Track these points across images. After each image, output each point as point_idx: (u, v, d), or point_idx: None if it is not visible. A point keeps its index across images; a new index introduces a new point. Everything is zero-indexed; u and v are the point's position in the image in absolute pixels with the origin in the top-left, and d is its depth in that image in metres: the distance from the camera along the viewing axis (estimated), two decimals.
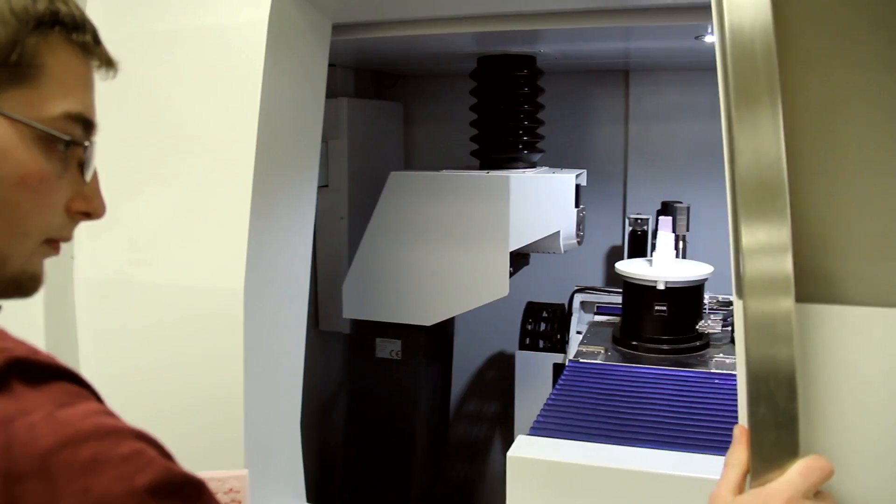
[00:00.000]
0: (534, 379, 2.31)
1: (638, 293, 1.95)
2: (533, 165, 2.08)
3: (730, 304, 2.12)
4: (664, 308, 1.93)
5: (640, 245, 2.39)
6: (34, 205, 0.63)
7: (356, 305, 2.11)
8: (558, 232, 1.98)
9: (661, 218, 2.02)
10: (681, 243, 2.19)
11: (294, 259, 1.54)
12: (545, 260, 2.36)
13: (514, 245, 1.94)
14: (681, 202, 2.32)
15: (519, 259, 2.04)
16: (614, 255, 2.56)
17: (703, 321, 1.97)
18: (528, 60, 2.04)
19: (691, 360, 1.91)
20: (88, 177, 0.66)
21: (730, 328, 2.02)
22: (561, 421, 1.66)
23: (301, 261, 1.56)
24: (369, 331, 2.16)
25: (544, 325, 2.36)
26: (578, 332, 2.26)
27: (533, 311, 2.39)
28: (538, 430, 1.61)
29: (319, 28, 1.58)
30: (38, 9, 0.60)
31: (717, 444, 1.57)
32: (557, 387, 1.82)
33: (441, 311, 2.04)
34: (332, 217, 2.31)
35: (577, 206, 2.01)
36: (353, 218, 2.31)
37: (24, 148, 0.61)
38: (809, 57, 0.84)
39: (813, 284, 0.83)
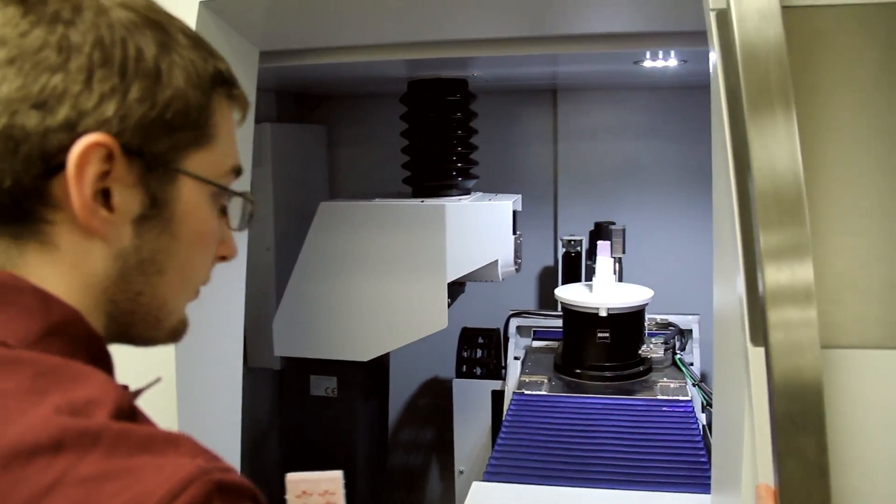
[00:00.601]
0: (472, 406, 2.23)
1: (580, 320, 1.89)
2: (467, 192, 2.00)
3: (669, 325, 2.08)
4: (606, 335, 1.87)
5: (574, 267, 2.33)
6: (204, 259, 0.66)
7: (288, 342, 1.99)
8: (496, 261, 1.90)
9: (599, 243, 1.97)
10: (617, 265, 2.14)
11: (229, 297, 1.42)
12: (478, 284, 2.29)
13: (452, 276, 1.85)
14: (614, 223, 2.28)
15: (455, 288, 1.96)
16: (547, 276, 2.51)
17: (645, 345, 1.92)
18: (461, 84, 1.96)
19: (636, 387, 1.86)
20: (235, 223, 0.69)
21: (671, 351, 1.98)
22: (515, 463, 1.58)
23: (235, 297, 1.44)
24: (302, 368, 2.04)
25: (480, 351, 2.28)
26: (516, 358, 2.19)
27: (468, 337, 2.30)
28: (493, 474, 1.53)
29: (247, 56, 1.47)
30: (210, 70, 0.62)
31: (675, 479, 1.52)
32: (506, 423, 1.75)
33: (378, 345, 1.93)
34: (257, 248, 2.18)
35: (514, 232, 1.93)
36: (279, 248, 2.19)
37: (205, 206, 0.63)
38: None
39: (831, 328, 0.78)
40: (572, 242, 2.33)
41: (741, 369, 0.84)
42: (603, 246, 1.95)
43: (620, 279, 2.16)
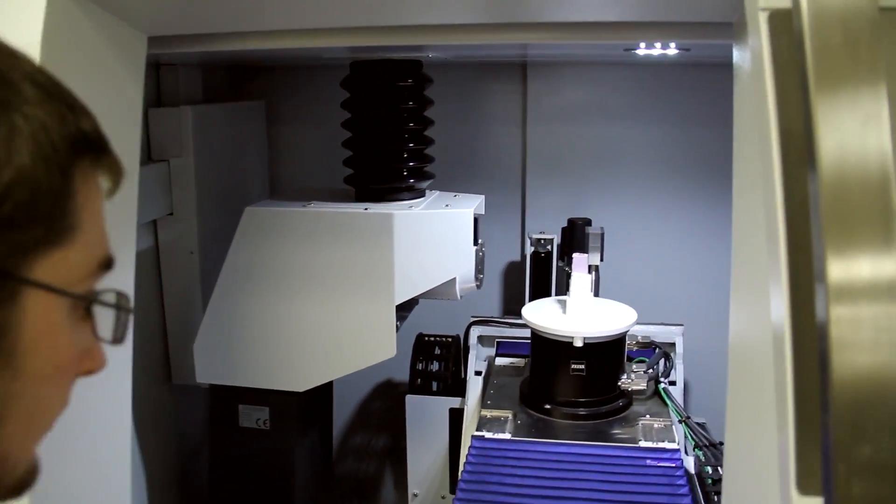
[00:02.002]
0: (428, 425, 1.92)
1: (550, 349, 1.57)
2: (421, 193, 1.65)
3: (651, 343, 1.77)
4: (581, 367, 1.56)
5: (543, 269, 2.00)
6: (60, 393, 0.51)
7: (211, 368, 1.65)
8: (454, 278, 1.57)
9: (575, 256, 1.64)
10: (593, 274, 1.81)
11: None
12: None
13: (402, 297, 1.52)
14: (590, 221, 1.95)
15: (407, 304, 1.62)
16: (512, 273, 2.18)
17: (625, 376, 1.61)
18: (414, 66, 1.59)
19: (615, 427, 1.55)
20: (107, 332, 0.52)
21: (654, 379, 1.67)
22: None
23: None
24: (231, 395, 1.70)
25: (437, 363, 1.96)
26: (478, 373, 1.88)
27: (423, 346, 1.98)
28: None
29: (129, 45, 1.11)
30: (70, 132, 0.46)
31: None
32: (465, 475, 1.44)
33: (315, 375, 1.61)
34: (179, 252, 1.83)
35: (475, 241, 1.59)
36: (205, 251, 1.83)
37: (61, 325, 0.48)
38: None
39: None
40: (542, 241, 1.99)
41: (769, 415, 0.65)
42: (579, 260, 1.62)
43: (597, 289, 1.84)
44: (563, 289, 1.97)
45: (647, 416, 1.58)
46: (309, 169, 2.22)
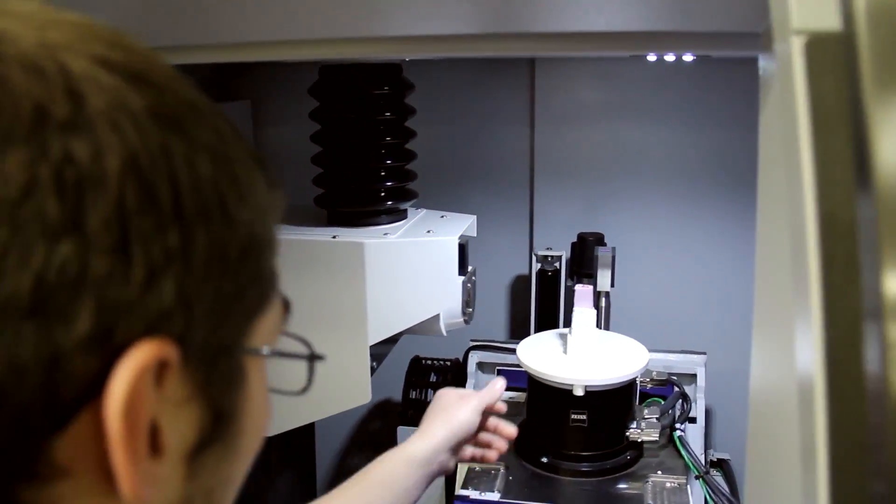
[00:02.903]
0: None
1: (548, 396, 1.35)
2: (402, 215, 1.42)
3: (669, 380, 1.53)
4: (583, 417, 1.33)
5: (550, 288, 1.77)
6: None
7: None
8: (438, 314, 1.35)
9: (577, 288, 1.40)
10: (602, 301, 1.58)
11: None
12: None
13: (376, 336, 1.30)
14: (601, 236, 1.71)
15: (385, 343, 1.40)
16: (520, 289, 1.95)
17: (634, 425, 1.38)
18: (392, 71, 1.36)
19: (620, 487, 1.33)
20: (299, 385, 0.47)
21: (668, 426, 1.44)
22: None
23: None
24: None
25: (432, 392, 1.74)
26: None
27: (418, 371, 1.77)
28: None
29: None
30: (266, 178, 0.41)
31: None
32: None
33: (280, 419, 1.40)
34: None
35: (462, 272, 1.37)
36: None
37: (266, 393, 0.44)
38: None
39: None
40: (549, 259, 1.76)
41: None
42: (582, 293, 1.38)
43: (607, 317, 1.61)
44: (571, 310, 1.74)
45: (659, 471, 1.35)
46: (300, 174, 2.00)
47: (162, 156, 0.32)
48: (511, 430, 1.10)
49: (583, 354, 1.36)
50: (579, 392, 1.29)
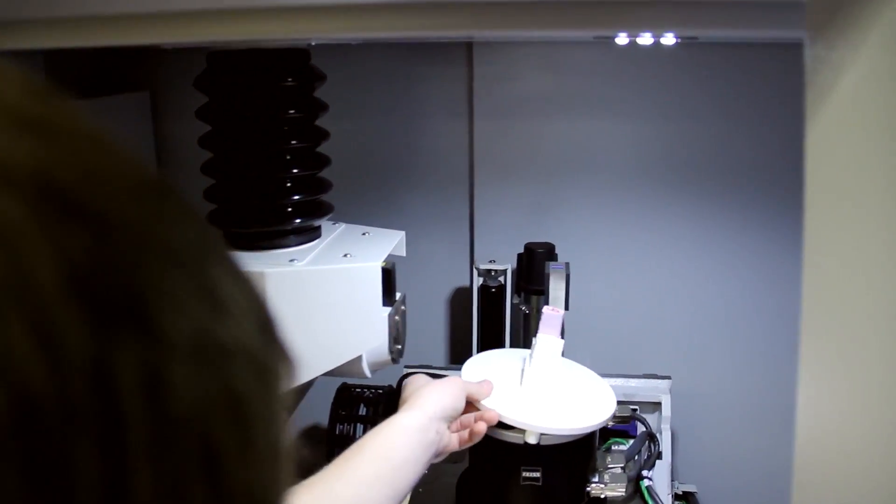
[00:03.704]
0: None
1: (493, 448, 1.11)
2: (315, 234, 1.16)
3: (630, 418, 1.30)
4: (537, 475, 1.09)
5: (494, 306, 1.53)
6: None
7: None
8: (360, 356, 1.09)
9: (545, 311, 1.15)
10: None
11: None
12: None
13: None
14: (552, 247, 1.47)
15: (297, 391, 1.15)
16: (460, 302, 1.70)
17: (596, 478, 1.15)
18: (297, 58, 1.09)
19: None
20: None
21: (635, 473, 1.21)
22: None
23: None
24: None
25: (362, 427, 1.49)
26: None
27: (345, 402, 1.52)
28: None
29: None
30: None
31: None
32: None
33: None
34: None
35: (388, 302, 1.11)
36: None
37: None
38: None
39: None
40: (493, 273, 1.52)
41: None
42: (550, 319, 1.14)
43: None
44: (520, 334, 1.51)
45: None
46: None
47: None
48: (493, 415, 1.01)
49: (541, 392, 1.11)
50: (532, 440, 1.05)
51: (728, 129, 1.49)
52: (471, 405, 1.02)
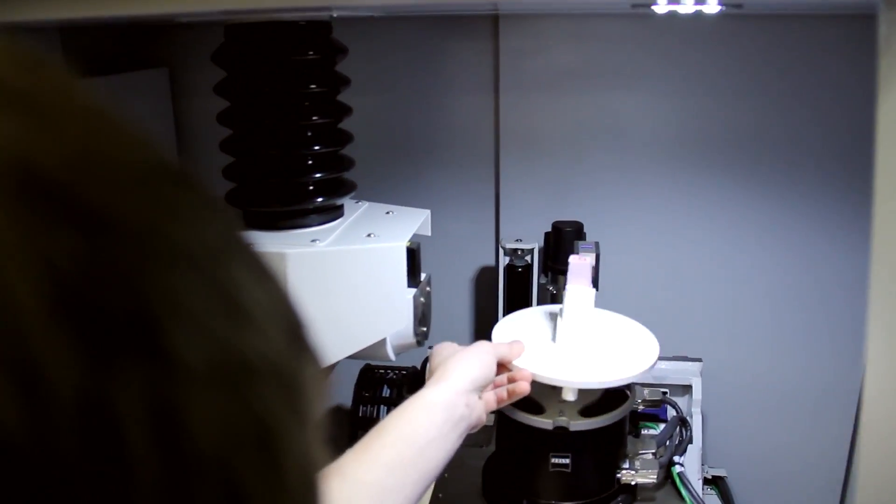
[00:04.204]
0: None
1: (524, 434, 1.07)
2: (337, 213, 1.12)
3: (661, 402, 1.26)
4: (566, 461, 1.05)
5: (520, 287, 1.49)
6: None
7: None
8: (384, 339, 1.06)
9: (572, 262, 1.09)
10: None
11: None
12: None
13: None
14: (580, 226, 1.42)
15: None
16: (485, 281, 1.66)
17: (626, 464, 1.11)
18: (317, 32, 1.05)
19: None
20: None
21: (667, 460, 1.17)
22: None
23: None
24: None
25: (385, 409, 1.47)
26: None
27: (369, 383, 1.49)
28: None
29: None
30: None
31: None
32: None
33: None
34: None
35: (413, 283, 1.07)
36: None
37: None
38: None
39: None
40: (519, 252, 1.47)
41: None
42: (578, 269, 1.08)
43: None
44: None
45: None
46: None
47: None
48: (526, 374, 0.95)
49: (575, 346, 1.06)
50: (570, 397, 1.01)
51: (767, 105, 1.43)
52: (503, 367, 0.95)
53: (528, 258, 1.47)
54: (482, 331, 1.67)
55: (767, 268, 1.51)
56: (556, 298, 1.41)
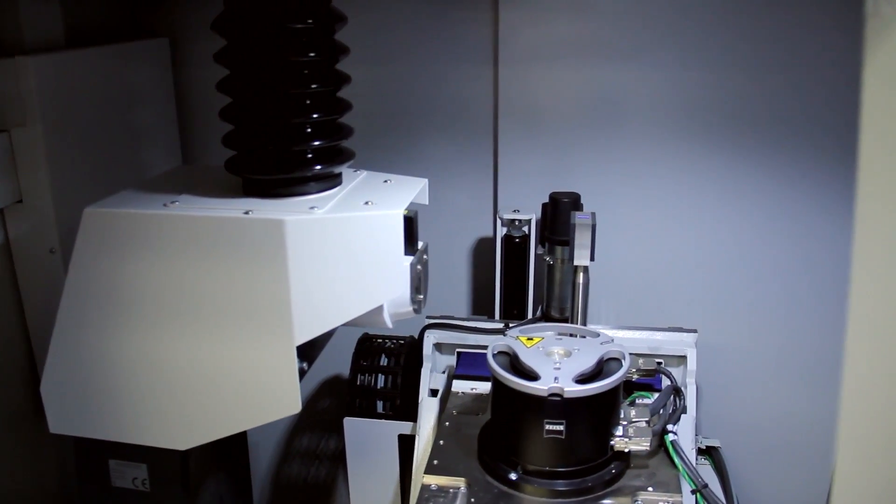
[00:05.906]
0: (372, 454, 1.46)
1: (519, 401, 1.07)
2: (335, 181, 1.12)
3: (655, 371, 1.26)
4: (560, 428, 1.06)
5: (517, 258, 1.49)
6: None
7: (65, 415, 1.16)
8: (381, 306, 1.06)
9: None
10: (580, 277, 1.30)
11: None
12: None
13: (304, 335, 1.01)
14: (578, 197, 1.42)
15: (316, 342, 1.12)
16: (483, 252, 1.66)
17: (619, 431, 1.11)
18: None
19: None
20: None
21: (660, 428, 1.17)
22: None
23: None
24: (99, 448, 1.22)
25: (383, 377, 1.47)
26: (433, 392, 1.40)
27: (367, 352, 1.50)
28: None
29: None
30: None
31: None
32: None
33: (196, 431, 1.11)
34: (36, 249, 1.32)
35: (410, 251, 1.07)
36: (70, 249, 1.32)
37: None
38: None
39: None
40: (517, 223, 1.47)
41: None
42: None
43: (585, 295, 1.33)
44: (543, 285, 1.46)
45: (650, 487, 1.09)
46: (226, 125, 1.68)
47: None
48: None
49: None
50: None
51: (764, 79, 1.41)
52: None
53: (525, 229, 1.47)
54: (479, 300, 1.67)
55: (763, 240, 1.50)
56: (553, 269, 1.41)
